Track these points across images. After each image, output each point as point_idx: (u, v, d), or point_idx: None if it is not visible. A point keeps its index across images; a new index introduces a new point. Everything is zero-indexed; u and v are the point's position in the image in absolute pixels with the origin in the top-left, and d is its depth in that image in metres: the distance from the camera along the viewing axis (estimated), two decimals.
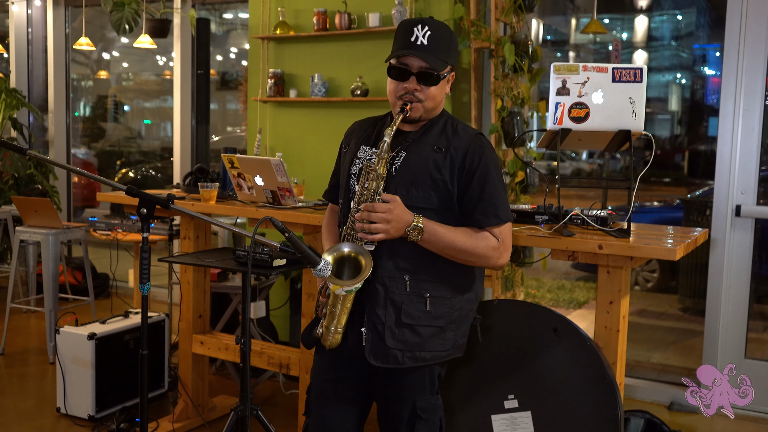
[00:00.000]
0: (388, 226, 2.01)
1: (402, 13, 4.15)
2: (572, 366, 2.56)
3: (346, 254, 2.05)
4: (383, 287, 2.09)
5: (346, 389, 2.22)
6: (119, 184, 2.15)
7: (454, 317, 2.16)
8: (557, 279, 7.15)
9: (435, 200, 2.09)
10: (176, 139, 6.07)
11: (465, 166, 2.09)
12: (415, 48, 2.06)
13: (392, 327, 2.08)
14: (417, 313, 2.10)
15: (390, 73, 2.12)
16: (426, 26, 2.07)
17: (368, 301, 2.10)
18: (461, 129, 2.17)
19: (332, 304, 2.08)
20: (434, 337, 2.12)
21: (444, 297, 2.13)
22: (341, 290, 2.01)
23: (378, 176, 2.05)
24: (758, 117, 3.87)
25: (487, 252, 2.09)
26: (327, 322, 2.11)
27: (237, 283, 4.02)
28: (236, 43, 7.93)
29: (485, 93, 4.22)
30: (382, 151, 2.05)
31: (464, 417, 2.70)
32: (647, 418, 3.26)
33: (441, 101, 2.15)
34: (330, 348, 2.14)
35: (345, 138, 2.33)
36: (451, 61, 2.13)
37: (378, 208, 2.01)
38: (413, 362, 2.11)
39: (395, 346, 2.09)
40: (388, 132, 2.06)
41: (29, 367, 4.50)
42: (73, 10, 6.79)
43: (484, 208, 2.09)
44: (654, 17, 6.99)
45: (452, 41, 2.13)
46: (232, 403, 3.68)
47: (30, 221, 4.69)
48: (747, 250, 3.94)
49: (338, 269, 2.05)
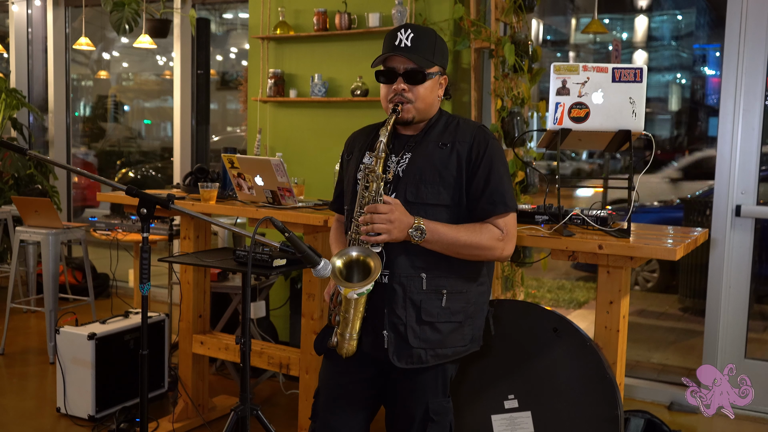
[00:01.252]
0: (392, 226, 2.01)
1: (402, 13, 4.15)
2: (572, 366, 2.56)
3: (354, 258, 2.04)
4: (401, 287, 2.09)
5: (355, 393, 2.21)
6: (119, 184, 2.15)
7: (470, 311, 2.17)
8: (557, 279, 7.15)
9: (445, 196, 2.10)
10: (176, 139, 6.07)
11: (471, 158, 2.11)
12: (398, 50, 2.09)
13: (414, 326, 2.09)
14: (436, 310, 2.11)
15: (378, 78, 2.15)
16: (409, 29, 2.11)
17: (387, 303, 2.10)
18: (463, 123, 2.19)
19: (345, 310, 2.08)
20: (454, 332, 2.14)
21: (459, 291, 2.14)
22: (353, 293, 2.01)
23: (377, 177, 2.06)
24: (758, 117, 3.86)
25: (492, 243, 2.09)
26: (341, 329, 2.10)
27: (237, 283, 4.02)
28: (236, 43, 7.93)
29: (485, 93, 4.22)
30: (379, 150, 2.07)
31: (464, 417, 2.70)
32: (647, 418, 3.26)
33: (433, 103, 2.16)
34: (346, 356, 2.12)
35: (346, 147, 2.34)
36: (438, 62, 2.14)
37: (380, 209, 2.01)
38: (436, 360, 2.12)
39: (418, 345, 2.09)
40: (383, 131, 2.09)
41: (29, 367, 4.50)
42: (73, 10, 6.79)
43: (491, 197, 2.10)
44: (654, 17, 7.00)
45: (437, 42, 2.14)
46: (232, 403, 3.68)
47: (30, 221, 4.69)
48: (747, 250, 3.94)
49: (348, 273, 2.04)
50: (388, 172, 2.13)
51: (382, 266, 2.08)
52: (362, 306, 2.08)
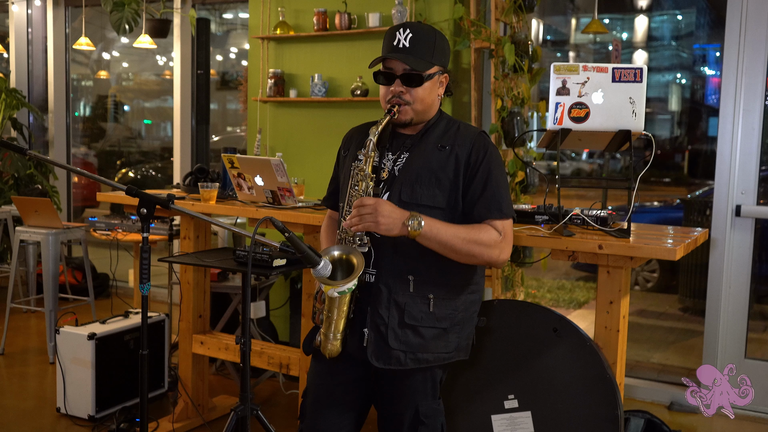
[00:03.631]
0: (378, 216, 1.97)
1: (402, 13, 4.15)
2: (572, 366, 2.56)
3: (337, 256, 2.02)
4: (386, 287, 2.07)
5: (343, 394, 2.20)
6: (119, 184, 2.14)
7: (457, 319, 2.15)
8: (557, 279, 7.15)
9: (440, 198, 2.08)
10: (176, 139, 6.07)
11: (470, 163, 2.09)
12: (397, 51, 2.07)
13: (395, 328, 2.07)
14: (420, 314, 2.08)
15: (377, 79, 2.13)
16: (408, 29, 2.08)
17: (371, 302, 2.08)
18: (463, 128, 2.17)
19: (328, 309, 2.05)
20: (437, 338, 2.11)
21: (448, 299, 2.12)
22: (333, 291, 1.98)
23: (366, 176, 2.04)
24: (758, 117, 3.87)
25: (490, 243, 2.05)
26: (325, 329, 2.08)
27: (237, 283, 4.02)
28: (236, 43, 7.93)
29: (485, 93, 4.22)
30: (369, 150, 2.06)
31: (464, 417, 2.70)
32: (647, 418, 3.26)
33: (432, 103, 2.14)
34: (330, 357, 2.11)
35: (343, 144, 2.32)
36: (437, 62, 2.11)
37: (366, 201, 1.99)
38: (416, 364, 2.09)
39: (398, 347, 2.07)
40: (373, 131, 2.07)
41: (29, 367, 4.50)
42: (73, 10, 6.79)
43: (487, 203, 2.08)
44: (654, 17, 7.00)
45: (437, 42, 2.11)
46: (232, 403, 3.68)
47: (30, 221, 4.69)
48: (747, 250, 3.94)
49: (331, 272, 2.02)
50: (383, 170, 2.12)
51: (370, 265, 2.07)
52: (346, 306, 2.05)
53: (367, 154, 2.06)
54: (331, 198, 2.36)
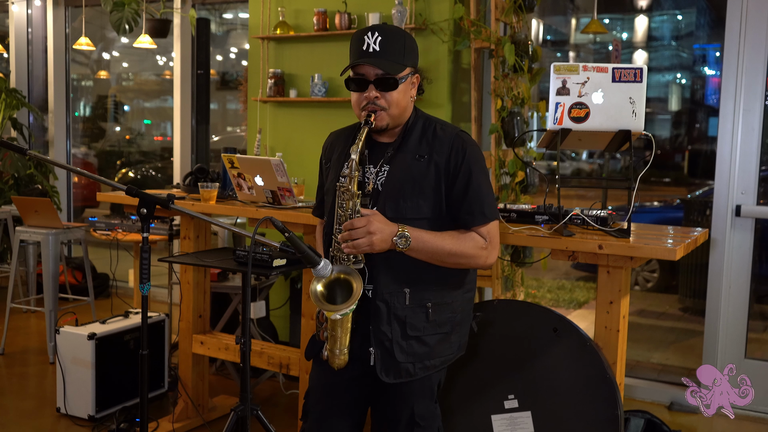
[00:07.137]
0: (373, 238, 1.96)
1: (402, 13, 4.15)
2: (572, 366, 2.56)
3: (334, 278, 2.02)
4: (384, 304, 2.07)
5: (344, 395, 2.20)
6: (119, 184, 2.14)
7: (457, 320, 2.16)
8: (557, 279, 7.15)
9: (425, 209, 2.07)
10: (176, 139, 6.07)
11: (449, 170, 2.07)
12: (367, 56, 2.04)
13: (399, 341, 2.08)
14: (421, 324, 2.09)
15: (348, 86, 2.10)
16: (376, 32, 2.04)
17: (372, 320, 2.08)
18: (440, 130, 2.13)
19: (331, 328, 2.07)
20: (441, 343, 2.13)
21: (445, 303, 2.12)
22: (336, 315, 1.99)
23: (352, 195, 2.01)
24: (758, 117, 3.87)
25: (475, 252, 2.07)
26: (331, 345, 2.09)
27: (237, 283, 4.02)
28: (236, 43, 7.93)
29: (485, 93, 4.22)
30: (352, 170, 2.01)
31: (464, 417, 2.70)
32: (647, 418, 3.26)
33: (407, 106, 2.11)
34: (338, 368, 2.12)
35: (324, 152, 2.29)
36: (409, 63, 2.09)
37: (357, 224, 1.97)
38: (424, 372, 2.11)
39: (405, 360, 2.08)
40: (354, 149, 2.01)
41: (29, 367, 4.50)
42: (73, 10, 6.79)
43: (470, 207, 2.07)
44: (654, 17, 6.99)
45: (406, 43, 2.09)
46: (232, 403, 3.68)
47: (30, 221, 4.69)
48: (747, 250, 3.94)
49: (330, 294, 2.02)
50: (368, 184, 2.10)
51: (366, 281, 2.07)
52: (348, 323, 2.06)
53: (350, 174, 2.01)
54: (321, 207, 2.34)
